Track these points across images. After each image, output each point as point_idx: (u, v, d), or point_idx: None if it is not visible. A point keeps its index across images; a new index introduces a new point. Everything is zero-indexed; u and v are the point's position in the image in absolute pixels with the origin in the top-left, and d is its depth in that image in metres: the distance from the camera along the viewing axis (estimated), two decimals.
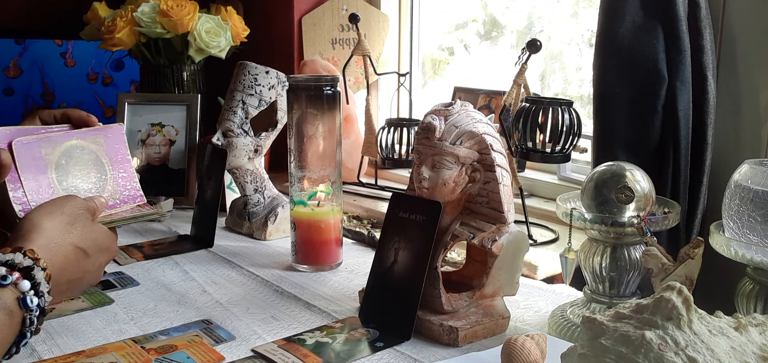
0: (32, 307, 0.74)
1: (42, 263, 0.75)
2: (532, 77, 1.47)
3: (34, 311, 0.74)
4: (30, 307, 0.73)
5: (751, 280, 0.86)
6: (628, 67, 1.16)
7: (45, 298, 0.75)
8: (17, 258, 0.74)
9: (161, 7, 1.70)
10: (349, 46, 1.92)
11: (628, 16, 1.16)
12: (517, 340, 0.82)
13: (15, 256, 0.74)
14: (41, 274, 0.75)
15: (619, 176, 0.94)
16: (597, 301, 0.97)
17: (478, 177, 0.96)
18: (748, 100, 1.17)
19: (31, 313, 0.74)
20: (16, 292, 0.73)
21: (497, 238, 0.94)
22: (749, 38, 1.16)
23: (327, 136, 1.19)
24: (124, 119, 1.72)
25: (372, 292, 1.01)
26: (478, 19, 1.84)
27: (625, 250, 0.94)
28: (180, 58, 1.82)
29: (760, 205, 0.82)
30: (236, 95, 1.43)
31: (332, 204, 1.21)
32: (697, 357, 0.62)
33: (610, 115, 1.19)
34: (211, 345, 0.93)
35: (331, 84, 1.19)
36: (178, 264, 1.26)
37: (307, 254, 1.22)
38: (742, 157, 0.93)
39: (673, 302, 0.65)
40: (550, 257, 1.24)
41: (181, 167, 1.70)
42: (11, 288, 0.73)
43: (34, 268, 0.75)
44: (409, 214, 0.98)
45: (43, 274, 0.75)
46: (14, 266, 0.74)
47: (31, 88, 2.09)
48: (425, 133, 0.94)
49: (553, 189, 1.54)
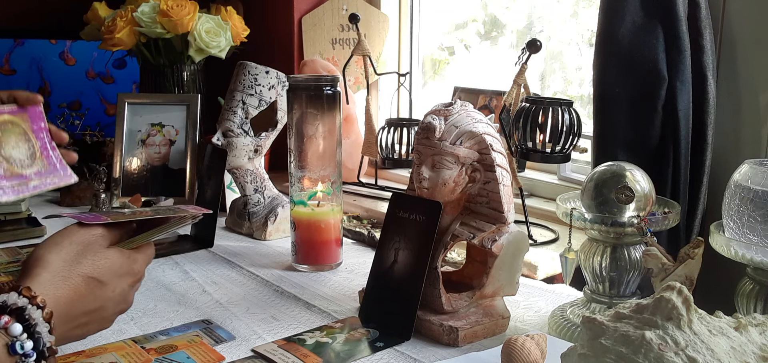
0: (25, 351, 0.68)
1: (39, 301, 0.70)
2: (532, 77, 1.47)
3: (29, 356, 0.68)
4: (20, 352, 0.68)
5: (751, 280, 0.86)
6: (628, 67, 1.16)
7: (43, 339, 0.70)
8: (10, 298, 0.69)
9: (161, 7, 1.70)
10: (349, 46, 1.92)
11: (628, 16, 1.16)
12: (517, 340, 0.82)
13: (8, 297, 0.70)
14: (37, 313, 0.70)
15: (619, 176, 0.94)
16: (597, 301, 0.97)
17: (478, 177, 0.96)
18: (748, 100, 1.17)
19: (25, 359, 0.68)
20: (5, 338, 0.68)
21: (497, 238, 0.94)
22: (749, 38, 1.16)
23: (327, 136, 1.19)
24: (124, 119, 1.72)
25: (372, 292, 1.01)
26: (478, 18, 1.84)
27: (625, 250, 0.94)
28: (180, 58, 1.82)
29: (760, 205, 0.82)
30: (236, 95, 1.43)
31: (332, 204, 1.21)
32: (697, 357, 0.62)
33: (610, 115, 1.19)
34: (211, 345, 0.93)
35: (331, 84, 1.19)
36: (178, 264, 1.26)
37: (307, 254, 1.22)
38: (742, 157, 0.93)
39: (673, 302, 0.65)
40: (550, 257, 1.24)
41: (181, 167, 1.70)
42: (1, 334, 0.68)
43: (28, 307, 0.69)
44: (409, 214, 0.98)
45: (41, 313, 0.70)
46: (5, 309, 0.69)
47: (29, 87, 2.08)
48: (425, 133, 0.94)
49: (553, 189, 1.54)
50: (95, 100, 2.14)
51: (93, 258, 0.78)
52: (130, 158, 1.71)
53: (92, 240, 0.79)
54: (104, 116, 2.12)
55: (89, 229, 0.79)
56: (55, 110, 2.08)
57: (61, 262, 0.75)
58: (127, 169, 1.70)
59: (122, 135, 1.71)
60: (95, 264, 0.77)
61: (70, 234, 0.78)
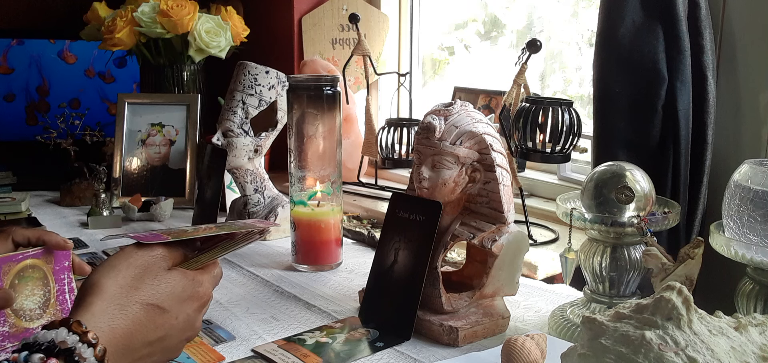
0: None
1: (90, 337, 0.62)
2: (532, 77, 1.47)
3: None
4: None
5: (751, 280, 0.86)
6: (628, 67, 1.16)
7: None
8: (59, 335, 0.61)
9: (161, 7, 1.70)
10: (349, 46, 1.92)
11: (628, 16, 1.16)
12: (517, 340, 0.82)
13: (57, 333, 0.62)
14: (89, 352, 0.62)
15: (619, 176, 0.94)
16: (597, 301, 0.97)
17: (478, 177, 0.96)
18: (748, 100, 1.17)
19: None
20: None
21: (497, 238, 0.94)
22: (749, 38, 1.16)
23: (327, 136, 1.19)
24: (124, 119, 1.72)
25: (372, 292, 1.01)
26: (478, 18, 1.84)
27: (625, 250, 0.94)
28: (180, 58, 1.82)
29: (760, 205, 0.82)
30: (236, 95, 1.43)
31: (332, 204, 1.21)
32: (697, 357, 0.62)
33: (610, 115, 1.19)
34: (211, 345, 0.93)
35: (331, 84, 1.19)
36: None
37: (307, 254, 1.22)
38: (742, 157, 0.93)
39: (673, 302, 0.65)
40: (550, 257, 1.24)
41: (181, 167, 1.70)
42: None
43: (78, 346, 0.62)
44: (409, 214, 0.98)
45: (92, 351, 0.62)
46: (52, 349, 0.61)
47: (28, 84, 2.08)
48: (425, 133, 0.94)
49: (553, 189, 1.54)
50: (96, 98, 2.13)
51: (153, 282, 0.70)
52: (130, 158, 1.71)
53: (152, 262, 0.71)
54: (106, 115, 2.12)
55: (149, 249, 0.72)
56: (55, 110, 2.08)
57: (118, 288, 0.68)
58: (127, 169, 1.70)
59: (122, 135, 1.71)
60: (155, 289, 0.70)
61: (127, 256, 0.71)
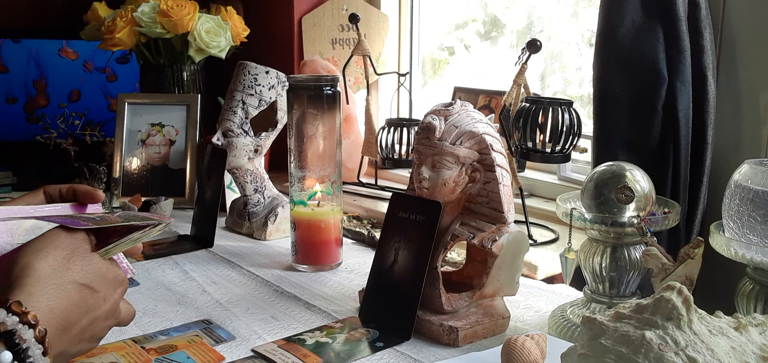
0: None
1: (30, 318, 0.61)
2: (532, 77, 1.47)
3: None
4: None
5: (751, 280, 0.86)
6: (628, 67, 1.16)
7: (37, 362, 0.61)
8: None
9: (161, 7, 1.70)
10: (349, 46, 1.92)
11: (628, 16, 1.16)
12: (517, 340, 0.82)
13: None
14: (30, 333, 0.61)
15: (619, 176, 0.94)
16: (597, 301, 0.97)
17: (478, 177, 0.96)
18: (748, 100, 1.17)
19: None
20: None
21: (497, 238, 0.94)
22: (749, 38, 1.16)
23: (327, 136, 1.19)
24: (124, 119, 1.72)
25: (372, 292, 1.01)
26: (478, 18, 1.84)
27: (625, 250, 0.94)
28: (180, 58, 1.82)
29: (760, 205, 0.82)
30: (236, 95, 1.43)
31: (332, 204, 1.21)
32: (697, 357, 0.62)
33: (610, 115, 1.19)
34: (211, 345, 0.93)
35: (331, 84, 1.19)
36: (178, 264, 1.26)
37: (307, 254, 1.22)
38: (742, 157, 0.93)
39: (673, 302, 0.65)
40: (550, 257, 1.24)
41: (181, 167, 1.70)
42: None
43: (19, 327, 0.60)
44: (409, 214, 0.98)
45: (32, 332, 0.61)
46: None
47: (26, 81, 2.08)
48: (425, 133, 0.94)
49: (553, 189, 1.54)
50: (97, 95, 2.13)
51: (83, 263, 0.69)
52: (130, 158, 1.71)
53: (78, 244, 0.70)
54: (107, 112, 2.12)
55: (73, 233, 0.71)
56: (54, 109, 2.08)
57: (50, 269, 0.66)
58: (127, 169, 1.70)
59: (122, 135, 1.71)
60: (86, 269, 0.69)
61: (53, 238, 0.69)
